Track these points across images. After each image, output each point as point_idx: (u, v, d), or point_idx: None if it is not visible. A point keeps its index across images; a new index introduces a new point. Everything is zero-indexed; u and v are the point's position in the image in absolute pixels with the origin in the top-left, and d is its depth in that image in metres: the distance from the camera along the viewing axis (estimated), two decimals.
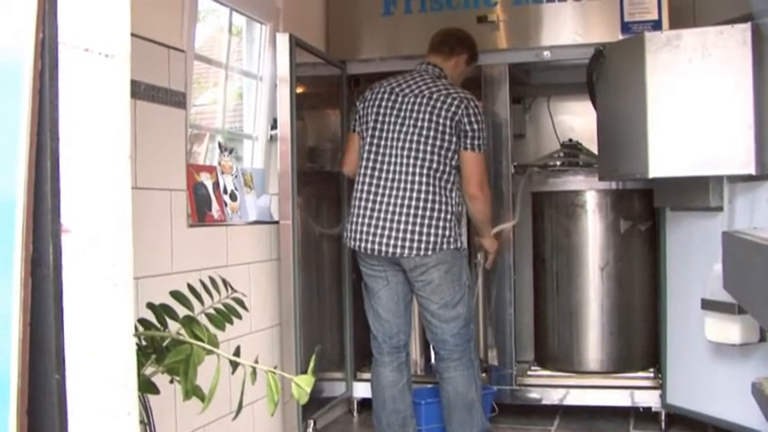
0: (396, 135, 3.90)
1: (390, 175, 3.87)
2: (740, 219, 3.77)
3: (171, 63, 3.43)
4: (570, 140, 5.10)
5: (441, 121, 3.84)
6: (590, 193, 4.74)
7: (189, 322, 2.08)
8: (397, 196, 3.83)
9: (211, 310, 2.34)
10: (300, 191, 4.22)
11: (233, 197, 4.03)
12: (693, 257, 4.06)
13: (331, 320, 4.85)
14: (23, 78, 1.11)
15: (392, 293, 3.98)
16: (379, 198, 3.87)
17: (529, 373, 4.87)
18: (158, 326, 2.17)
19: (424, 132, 3.85)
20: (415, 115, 3.88)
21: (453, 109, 3.84)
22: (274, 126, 4.33)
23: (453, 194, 3.87)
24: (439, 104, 3.86)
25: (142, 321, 2.12)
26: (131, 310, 1.34)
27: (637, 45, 3.87)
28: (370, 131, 3.97)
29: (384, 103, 3.97)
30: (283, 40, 4.16)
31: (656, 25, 4.42)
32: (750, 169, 3.64)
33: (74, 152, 1.19)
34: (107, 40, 1.27)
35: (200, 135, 4.18)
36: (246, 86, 4.56)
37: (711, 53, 3.72)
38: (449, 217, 3.83)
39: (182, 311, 2.22)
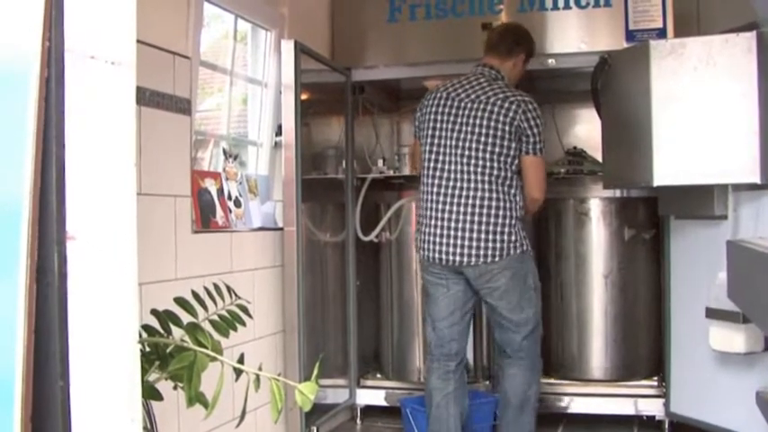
0: (454, 143, 3.86)
1: (452, 183, 3.85)
2: (745, 227, 3.76)
3: (176, 69, 3.44)
4: (575, 148, 5.10)
5: (499, 126, 3.79)
6: (594, 200, 4.73)
7: (193, 329, 2.08)
8: (460, 204, 3.81)
9: (215, 317, 2.34)
10: (305, 197, 4.22)
11: (237, 203, 4.03)
12: (697, 266, 4.05)
13: (335, 327, 4.85)
14: (30, 85, 1.12)
15: (450, 302, 3.94)
16: (441, 207, 3.86)
17: None
18: (162, 332, 2.17)
19: (483, 139, 3.80)
20: (472, 121, 3.84)
21: (512, 114, 3.79)
22: (279, 132, 4.34)
23: (516, 199, 3.84)
24: (497, 109, 3.81)
25: (146, 328, 2.12)
26: (135, 316, 1.35)
27: (642, 53, 3.86)
28: (429, 139, 3.94)
29: (441, 110, 3.93)
30: (288, 47, 4.16)
31: (661, 33, 4.43)
32: (755, 178, 3.63)
33: (79, 159, 1.20)
34: (113, 48, 1.27)
35: (204, 141, 4.19)
36: (251, 93, 4.57)
37: (716, 61, 3.71)
38: (513, 222, 3.81)
39: (186, 318, 2.22)
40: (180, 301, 2.29)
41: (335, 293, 4.87)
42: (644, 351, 4.72)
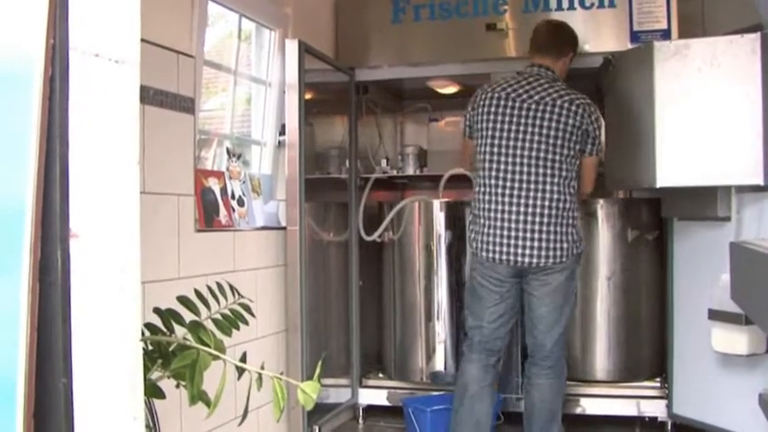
0: (521, 144, 3.83)
1: (518, 184, 3.83)
2: (748, 229, 3.76)
3: (180, 68, 3.44)
4: None
5: (569, 129, 3.82)
6: (597, 202, 4.73)
7: (195, 327, 2.08)
8: (527, 204, 3.80)
9: (218, 316, 2.34)
10: (308, 197, 4.22)
11: (241, 203, 4.03)
12: (701, 267, 4.05)
13: (337, 327, 4.85)
14: (34, 84, 1.12)
15: (501, 307, 3.96)
16: (507, 207, 3.83)
17: None
18: (165, 331, 2.17)
19: (551, 141, 3.81)
20: (539, 122, 3.83)
21: (579, 118, 3.83)
22: (282, 132, 4.34)
23: (575, 199, 3.90)
24: (565, 112, 3.82)
25: (149, 326, 2.12)
26: (138, 314, 1.35)
27: (646, 54, 3.86)
28: (489, 140, 3.90)
29: (501, 110, 3.89)
30: (292, 47, 4.17)
31: (665, 34, 4.42)
32: (758, 179, 3.63)
33: (83, 157, 1.20)
34: (117, 46, 1.27)
35: (208, 140, 4.19)
36: (255, 92, 4.57)
37: (721, 63, 3.71)
38: (574, 222, 3.87)
39: (188, 316, 2.22)
40: (183, 300, 2.29)
41: (338, 293, 4.87)
42: (646, 352, 4.72)
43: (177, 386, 2.08)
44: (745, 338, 3.59)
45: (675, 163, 3.79)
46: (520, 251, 3.80)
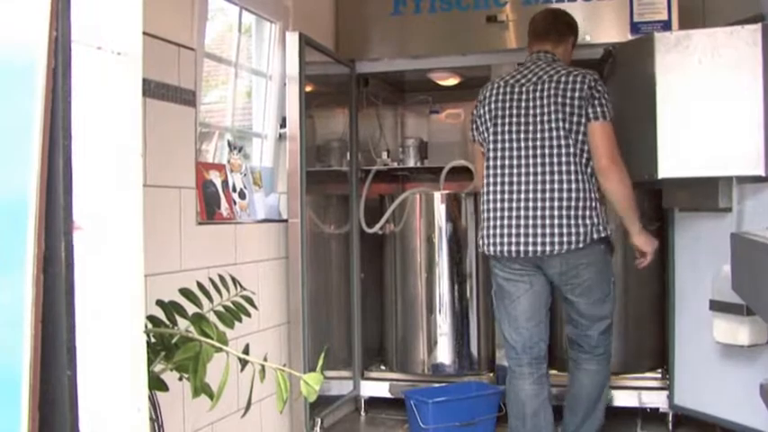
0: (523, 127, 3.63)
1: (524, 170, 3.60)
2: (749, 220, 3.76)
3: (181, 61, 3.44)
4: None
5: (568, 102, 3.56)
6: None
7: (198, 320, 2.09)
8: (536, 190, 3.57)
9: (220, 308, 2.34)
10: (309, 189, 4.22)
11: (242, 195, 4.04)
12: (702, 258, 4.05)
13: (339, 319, 4.86)
14: (37, 76, 1.12)
15: (534, 299, 3.70)
16: (515, 196, 3.61)
17: None
18: (168, 323, 2.17)
19: (553, 116, 3.57)
20: (539, 102, 3.61)
21: (579, 86, 3.56)
22: (283, 124, 4.34)
23: (593, 179, 3.59)
24: (562, 86, 3.59)
25: (151, 318, 2.13)
26: (141, 307, 1.35)
27: (646, 45, 3.86)
28: (492, 129, 3.71)
29: (502, 98, 3.71)
30: (293, 39, 4.16)
31: (666, 26, 4.41)
32: (759, 170, 3.63)
33: (86, 150, 1.20)
34: (119, 39, 1.27)
35: (209, 133, 4.19)
36: (256, 85, 4.57)
37: (721, 54, 3.71)
38: (594, 204, 3.56)
39: (191, 309, 2.23)
40: (185, 293, 2.30)
41: (340, 285, 4.88)
42: (648, 343, 4.72)
43: (180, 378, 2.09)
44: (747, 329, 3.60)
45: (676, 154, 3.79)
46: (532, 239, 3.55)
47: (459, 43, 4.82)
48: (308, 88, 4.27)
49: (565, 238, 3.51)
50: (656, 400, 4.47)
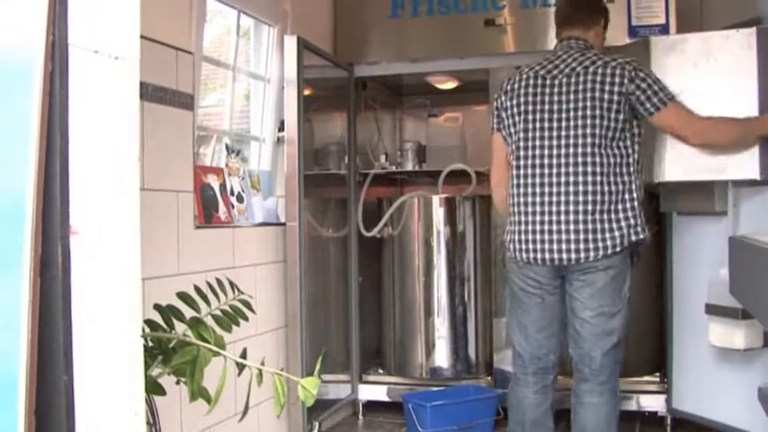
0: (556, 124, 3.37)
1: (555, 170, 3.35)
2: (745, 223, 3.76)
3: (179, 65, 3.44)
4: None
5: (606, 96, 3.31)
6: None
7: (195, 324, 2.09)
8: (568, 192, 3.31)
9: (218, 312, 2.34)
10: (307, 193, 4.22)
11: (240, 199, 4.04)
12: (699, 262, 4.05)
13: (337, 323, 4.86)
14: (34, 80, 1.12)
15: (547, 311, 3.48)
16: (547, 199, 3.35)
17: None
18: (165, 327, 2.17)
19: (589, 112, 3.32)
20: (573, 97, 3.36)
21: (618, 79, 3.31)
22: (281, 128, 4.34)
23: (633, 177, 3.35)
24: (599, 78, 3.33)
25: (149, 322, 2.12)
26: (139, 311, 1.35)
27: (642, 49, 3.86)
28: (522, 125, 3.45)
29: (531, 90, 3.45)
30: (291, 43, 4.17)
31: (664, 29, 4.43)
32: (755, 174, 3.63)
33: (83, 153, 1.20)
34: (117, 43, 1.27)
35: (207, 137, 4.19)
36: (254, 88, 4.57)
37: (717, 57, 3.70)
38: (634, 205, 3.32)
39: (188, 313, 2.22)
40: (183, 296, 2.30)
41: (337, 289, 4.88)
42: (646, 347, 4.72)
43: (177, 382, 2.08)
44: (742, 333, 3.59)
45: (673, 158, 3.78)
46: (556, 246, 3.32)
47: (457, 47, 4.83)
48: (307, 92, 4.27)
49: (592, 245, 3.29)
50: (655, 404, 4.47)
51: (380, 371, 5.15)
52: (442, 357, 4.95)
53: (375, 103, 5.45)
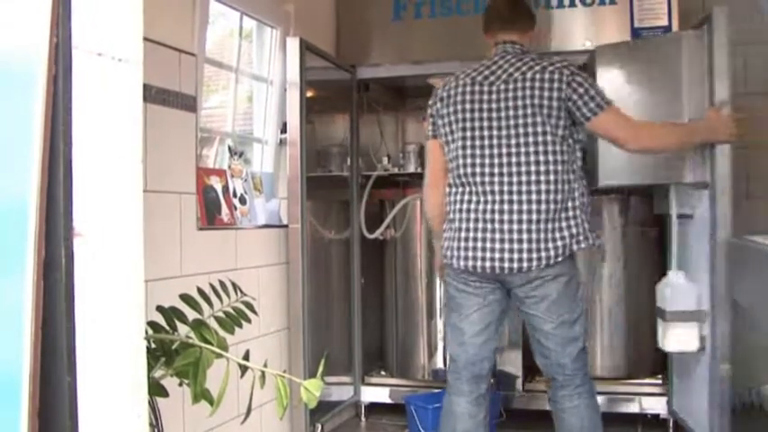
0: (495, 132, 3.30)
1: (497, 179, 3.28)
2: (703, 226, 3.76)
3: (182, 66, 3.44)
4: None
5: (545, 103, 3.24)
6: (596, 198, 4.72)
7: (198, 325, 2.09)
8: (512, 201, 3.25)
9: (221, 314, 2.34)
10: (309, 195, 4.22)
11: (242, 201, 4.04)
12: (691, 264, 4.04)
13: (339, 325, 4.86)
14: (37, 82, 1.12)
15: (486, 314, 3.38)
16: (489, 207, 3.28)
17: (537, 378, 4.86)
18: (168, 329, 2.17)
19: (530, 120, 3.24)
20: (512, 103, 3.28)
21: (556, 84, 3.24)
22: (284, 130, 4.34)
23: (576, 185, 3.29)
24: (538, 84, 3.25)
25: (152, 324, 2.13)
26: (142, 312, 1.35)
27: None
28: (460, 133, 3.38)
29: (468, 97, 3.37)
30: (293, 45, 4.17)
31: (667, 31, 4.42)
32: (690, 178, 3.72)
33: (86, 156, 1.20)
34: (120, 45, 1.27)
35: (209, 138, 4.19)
36: (256, 90, 4.57)
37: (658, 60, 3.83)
38: (576, 213, 3.26)
39: (191, 315, 2.23)
40: (185, 298, 2.30)
41: (340, 291, 4.88)
42: (647, 349, 4.70)
43: (180, 384, 2.09)
44: (695, 335, 3.67)
45: (614, 162, 3.82)
46: (498, 255, 3.24)
47: (459, 49, 4.81)
48: (309, 93, 4.27)
49: (543, 254, 3.22)
50: (657, 406, 4.46)
51: (383, 373, 5.15)
52: (443, 359, 4.95)
53: (377, 105, 5.45)
